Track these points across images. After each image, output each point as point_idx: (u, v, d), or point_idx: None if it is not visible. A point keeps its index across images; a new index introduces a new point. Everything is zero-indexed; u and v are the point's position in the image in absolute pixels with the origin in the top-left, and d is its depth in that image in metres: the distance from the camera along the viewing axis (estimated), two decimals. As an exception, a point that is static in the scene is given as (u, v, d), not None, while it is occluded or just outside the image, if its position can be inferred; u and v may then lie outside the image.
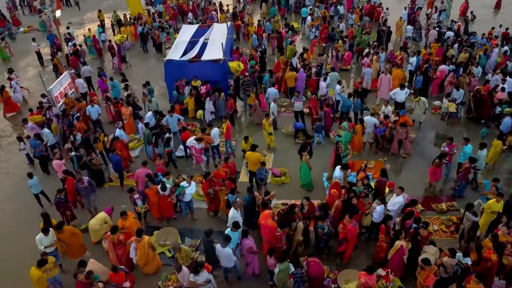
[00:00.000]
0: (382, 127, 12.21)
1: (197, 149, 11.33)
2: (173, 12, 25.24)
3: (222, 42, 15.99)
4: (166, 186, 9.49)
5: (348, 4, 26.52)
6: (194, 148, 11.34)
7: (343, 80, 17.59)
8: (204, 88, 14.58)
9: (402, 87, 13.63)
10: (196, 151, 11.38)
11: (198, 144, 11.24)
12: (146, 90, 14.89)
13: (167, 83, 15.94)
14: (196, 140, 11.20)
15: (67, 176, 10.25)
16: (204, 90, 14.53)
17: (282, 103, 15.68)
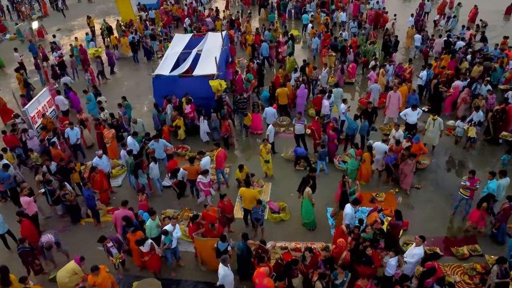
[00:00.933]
0: (393, 154, 10.90)
1: (205, 183, 9.97)
2: (166, 19, 23.91)
3: (216, 55, 14.70)
4: (141, 240, 8.08)
5: (354, 10, 25.18)
6: (202, 183, 9.97)
7: (347, 93, 16.31)
8: (189, 108, 13.26)
9: (414, 108, 12.32)
10: (204, 186, 9.99)
11: (205, 178, 9.91)
12: (122, 110, 13.55)
13: (156, 100, 14.63)
14: (203, 174, 9.88)
15: (21, 218, 8.93)
16: (188, 110, 13.22)
17: (281, 122, 14.36)
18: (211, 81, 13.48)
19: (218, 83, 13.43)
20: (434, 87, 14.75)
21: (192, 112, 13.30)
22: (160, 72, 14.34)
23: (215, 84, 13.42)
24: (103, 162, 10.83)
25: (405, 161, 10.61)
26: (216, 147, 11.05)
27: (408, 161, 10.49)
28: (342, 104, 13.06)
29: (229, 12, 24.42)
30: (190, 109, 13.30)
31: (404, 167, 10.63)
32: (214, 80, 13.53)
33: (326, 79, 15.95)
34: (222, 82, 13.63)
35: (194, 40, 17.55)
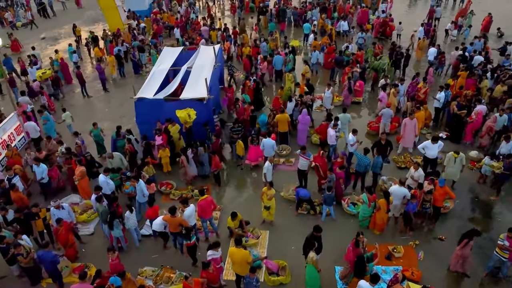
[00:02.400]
0: (415, 201, 9.19)
1: (217, 258, 7.88)
2: (157, 28, 22.17)
3: (207, 75, 13.00)
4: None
5: (363, 18, 23.39)
6: (215, 259, 7.83)
7: (354, 115, 14.61)
8: (160, 140, 11.60)
9: (435, 140, 10.60)
10: (216, 262, 7.86)
11: (217, 252, 7.86)
12: (80, 139, 11.89)
13: (139, 127, 12.94)
14: (213, 248, 7.79)
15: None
16: (159, 141, 11.57)
17: (281, 152, 12.66)
18: (178, 111, 11.82)
19: (186, 114, 11.75)
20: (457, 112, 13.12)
21: (163, 144, 11.59)
22: (143, 95, 12.63)
23: (182, 115, 11.75)
24: (63, 213, 9.04)
25: (466, 244, 8.16)
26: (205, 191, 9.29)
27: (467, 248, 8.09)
28: (351, 135, 11.35)
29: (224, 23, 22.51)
30: (162, 141, 11.59)
31: (464, 251, 8.26)
32: (181, 110, 11.85)
33: (330, 100, 14.21)
34: (191, 111, 11.90)
35: (185, 55, 15.86)
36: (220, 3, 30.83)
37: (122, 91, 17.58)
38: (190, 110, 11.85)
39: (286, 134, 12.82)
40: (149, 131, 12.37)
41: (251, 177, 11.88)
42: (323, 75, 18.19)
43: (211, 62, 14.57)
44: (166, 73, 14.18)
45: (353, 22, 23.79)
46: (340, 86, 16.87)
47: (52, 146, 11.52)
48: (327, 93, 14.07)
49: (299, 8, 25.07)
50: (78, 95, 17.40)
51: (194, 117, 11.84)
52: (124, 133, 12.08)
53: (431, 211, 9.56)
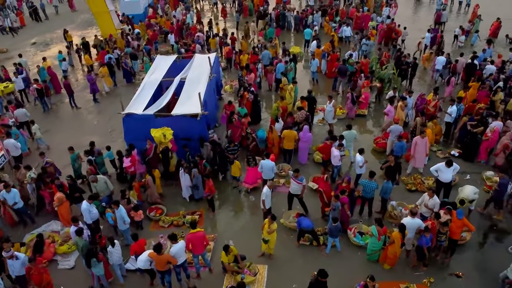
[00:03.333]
0: (429, 235, 8.25)
1: None
2: (152, 34, 21.20)
3: (201, 89, 12.06)
4: None
5: (362, 23, 22.52)
6: None
7: (358, 126, 13.68)
8: (128, 161, 10.69)
9: (449, 164, 9.66)
10: None
11: None
12: (44, 161, 10.93)
13: (128, 145, 11.98)
14: None
15: None
16: (127, 163, 10.68)
17: (281, 172, 11.72)
18: (152, 131, 10.95)
19: (161, 134, 10.86)
20: (463, 125, 12.23)
21: (132, 167, 10.66)
22: (131, 110, 11.69)
23: (157, 135, 10.88)
24: (16, 264, 7.91)
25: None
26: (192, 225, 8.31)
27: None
28: (358, 156, 10.40)
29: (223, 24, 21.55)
30: (130, 163, 10.66)
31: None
32: (156, 130, 10.98)
33: (332, 114, 13.22)
34: (168, 131, 11.02)
35: (179, 64, 14.94)
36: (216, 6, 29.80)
37: (113, 102, 16.58)
38: (167, 129, 11.01)
39: (291, 152, 11.90)
40: (139, 149, 11.47)
41: (248, 200, 10.95)
42: (325, 84, 17.25)
43: (206, 73, 13.64)
44: (157, 84, 13.23)
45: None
46: (343, 97, 15.93)
47: (21, 176, 10.55)
48: (328, 107, 13.11)
49: (300, 12, 24.07)
50: (66, 105, 16.45)
51: (170, 137, 10.98)
52: (98, 150, 11.30)
53: (447, 244, 8.65)
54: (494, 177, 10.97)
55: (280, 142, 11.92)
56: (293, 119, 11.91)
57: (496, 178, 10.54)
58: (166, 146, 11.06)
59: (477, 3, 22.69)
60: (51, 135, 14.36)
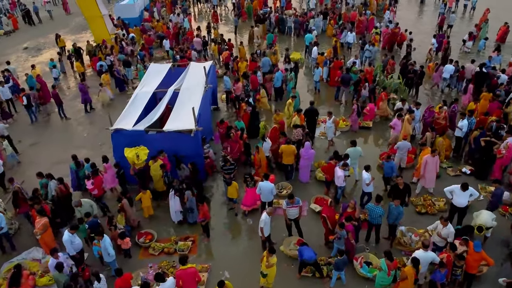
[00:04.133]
0: (444, 270, 7.47)
1: None
2: (147, 39, 20.41)
3: (195, 104, 11.27)
4: None
5: (368, 27, 21.77)
6: None
7: (364, 145, 12.88)
8: (90, 184, 9.92)
9: (465, 187, 8.87)
10: None
11: None
12: (17, 184, 10.07)
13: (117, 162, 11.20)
14: None
15: None
16: (90, 186, 9.91)
17: (280, 191, 10.94)
18: (126, 150, 10.25)
19: (134, 154, 10.16)
20: (474, 140, 11.45)
21: (95, 189, 9.90)
22: (120, 126, 10.91)
23: (130, 156, 10.17)
24: None
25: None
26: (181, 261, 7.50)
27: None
28: (365, 173, 9.64)
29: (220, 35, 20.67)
30: (93, 186, 9.90)
31: None
32: (130, 149, 10.28)
33: (332, 130, 12.44)
34: (141, 151, 10.30)
35: (174, 73, 14.17)
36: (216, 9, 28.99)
37: (105, 112, 15.83)
38: (141, 149, 10.31)
39: (291, 167, 11.15)
40: (128, 166, 10.70)
41: (245, 224, 10.17)
42: (327, 93, 16.47)
43: (202, 84, 12.86)
44: (150, 96, 12.45)
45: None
46: (346, 108, 15.17)
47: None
48: (328, 123, 12.33)
49: (301, 15, 23.29)
50: (55, 116, 15.67)
51: (144, 157, 10.25)
52: (82, 161, 10.62)
53: (462, 278, 7.88)
54: (489, 187, 10.55)
55: (279, 157, 11.20)
56: (285, 140, 11.06)
57: (491, 188, 10.06)
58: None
59: (488, 8, 21.86)
60: (38, 149, 13.61)
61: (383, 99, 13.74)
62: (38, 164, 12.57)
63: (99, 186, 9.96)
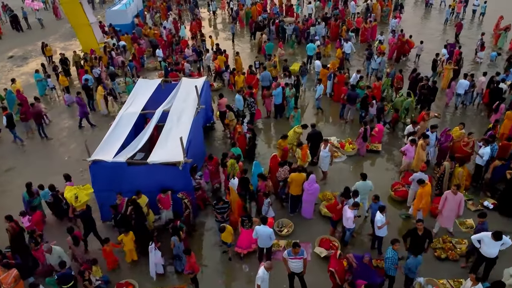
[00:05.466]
0: None
1: None
2: (138, 49, 19.14)
3: (184, 130, 10.04)
4: None
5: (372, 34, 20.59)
6: None
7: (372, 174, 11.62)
8: (28, 221, 8.91)
9: (497, 237, 7.57)
10: None
11: None
12: None
13: (97, 196, 9.94)
14: None
15: None
16: (27, 223, 8.93)
17: (281, 231, 9.68)
18: (67, 189, 9.35)
19: (73, 195, 9.14)
20: (494, 170, 10.24)
21: (32, 227, 8.78)
22: (100, 156, 9.63)
23: (68, 196, 9.23)
24: None
25: None
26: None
27: None
28: (379, 214, 8.41)
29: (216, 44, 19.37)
30: (29, 223, 8.84)
31: None
32: (70, 188, 9.38)
33: (328, 161, 10.89)
34: (81, 192, 9.30)
35: (165, 90, 12.94)
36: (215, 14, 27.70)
37: (89, 131, 14.58)
38: (82, 189, 9.36)
39: (299, 198, 9.90)
40: (111, 201, 9.46)
41: (240, 270, 8.92)
42: (331, 109, 15.18)
43: (193, 104, 11.60)
44: (135, 118, 11.20)
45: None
46: (352, 128, 13.92)
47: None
48: (323, 152, 10.77)
49: (302, 22, 22.04)
50: (35, 135, 14.38)
51: (85, 198, 9.22)
52: (36, 190, 9.54)
53: None
54: (468, 220, 9.68)
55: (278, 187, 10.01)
56: (274, 183, 9.80)
57: (470, 221, 9.52)
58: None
59: (502, 15, 20.60)
60: (14, 175, 12.36)
61: (426, 119, 12.16)
62: (10, 193, 11.35)
63: (39, 221, 8.80)
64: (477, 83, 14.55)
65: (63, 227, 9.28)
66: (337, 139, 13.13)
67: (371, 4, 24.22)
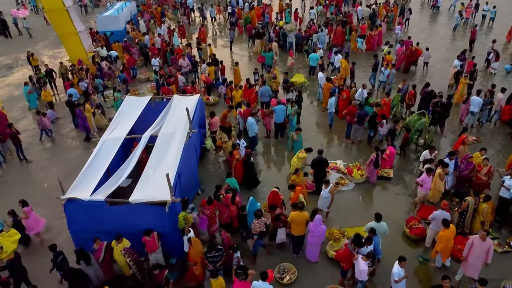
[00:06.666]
0: None
1: None
2: (128, 58, 17.93)
3: (171, 166, 8.86)
4: None
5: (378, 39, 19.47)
6: None
7: (381, 196, 10.47)
8: None
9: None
10: None
11: None
12: None
13: (73, 237, 8.76)
14: None
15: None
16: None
17: (282, 277, 8.48)
18: None
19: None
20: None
21: None
22: (75, 193, 8.44)
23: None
24: None
25: None
26: None
27: None
28: (396, 266, 7.25)
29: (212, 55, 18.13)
30: None
31: None
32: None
33: (328, 202, 9.48)
34: (7, 239, 8.40)
35: (154, 108, 11.78)
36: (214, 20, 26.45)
37: (73, 154, 13.37)
38: (6, 237, 8.34)
39: (301, 239, 8.78)
40: (90, 244, 8.29)
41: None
42: (335, 127, 13.91)
43: (184, 127, 10.40)
44: (119, 145, 10.00)
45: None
46: (359, 149, 12.72)
47: None
48: (324, 193, 9.40)
49: (304, 30, 20.84)
50: (14, 157, 13.17)
51: (11, 248, 8.18)
52: None
53: None
54: None
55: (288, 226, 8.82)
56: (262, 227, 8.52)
57: None
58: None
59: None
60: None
61: (466, 143, 11.04)
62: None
63: None
64: (495, 100, 13.40)
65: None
66: (344, 163, 11.97)
67: (377, 9, 23.02)
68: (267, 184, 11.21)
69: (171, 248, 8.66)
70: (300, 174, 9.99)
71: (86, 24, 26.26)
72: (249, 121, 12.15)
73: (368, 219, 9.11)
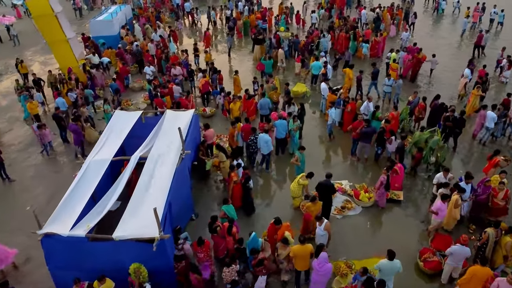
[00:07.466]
0: None
1: None
2: (121, 68, 17.04)
3: (160, 196, 8.01)
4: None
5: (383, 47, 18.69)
6: None
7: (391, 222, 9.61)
8: None
9: None
10: None
11: None
12: None
13: (53, 276, 7.92)
14: None
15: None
16: None
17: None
18: None
19: None
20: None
21: None
22: (53, 228, 7.57)
23: None
24: None
25: None
26: None
27: None
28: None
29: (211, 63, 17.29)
30: None
31: None
32: None
33: (324, 240, 8.39)
34: None
35: (145, 124, 10.94)
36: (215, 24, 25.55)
37: (61, 172, 12.51)
38: None
39: (306, 274, 7.98)
40: (68, 280, 7.44)
41: None
42: (340, 142, 13.09)
43: (177, 148, 9.54)
44: (105, 168, 9.13)
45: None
46: (365, 168, 11.86)
47: None
48: (319, 230, 8.35)
49: (305, 36, 19.99)
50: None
51: None
52: None
53: None
54: None
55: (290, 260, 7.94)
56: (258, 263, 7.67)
57: None
58: None
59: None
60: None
61: (500, 165, 10.17)
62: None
63: None
64: (511, 114, 12.56)
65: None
66: (350, 184, 11.11)
67: (381, 13, 22.14)
68: (268, 206, 10.39)
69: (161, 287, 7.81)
70: (318, 204, 9.06)
71: (80, 28, 25.50)
72: (264, 138, 11.21)
73: (378, 248, 8.29)
